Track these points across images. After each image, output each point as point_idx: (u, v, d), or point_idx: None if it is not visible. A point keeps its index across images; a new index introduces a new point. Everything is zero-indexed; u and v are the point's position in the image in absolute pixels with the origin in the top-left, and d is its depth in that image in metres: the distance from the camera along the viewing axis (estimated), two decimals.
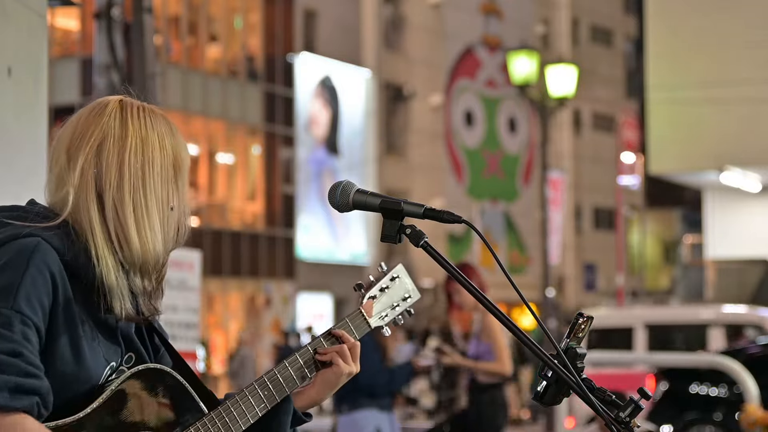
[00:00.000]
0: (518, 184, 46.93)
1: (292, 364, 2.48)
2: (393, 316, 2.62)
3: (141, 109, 2.37)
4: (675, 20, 18.67)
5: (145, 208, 2.29)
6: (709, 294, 23.98)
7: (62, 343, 2.21)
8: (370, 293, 2.60)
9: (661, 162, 19.12)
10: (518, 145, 47.09)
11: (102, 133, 2.32)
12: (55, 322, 2.20)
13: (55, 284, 2.20)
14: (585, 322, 2.37)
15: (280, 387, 2.45)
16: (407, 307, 2.64)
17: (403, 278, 2.64)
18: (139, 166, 2.30)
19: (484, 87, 45.60)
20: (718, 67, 17.99)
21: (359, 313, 2.58)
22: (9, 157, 4.14)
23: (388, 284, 2.62)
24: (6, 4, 4.15)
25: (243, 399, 2.40)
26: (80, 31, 30.50)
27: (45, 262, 2.19)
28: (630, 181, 31.14)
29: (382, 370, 7.70)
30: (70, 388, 2.22)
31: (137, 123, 2.34)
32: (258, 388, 2.42)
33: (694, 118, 18.31)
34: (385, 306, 2.61)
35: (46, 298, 2.18)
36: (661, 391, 12.74)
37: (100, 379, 2.27)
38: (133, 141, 2.31)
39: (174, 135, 2.37)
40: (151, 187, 2.30)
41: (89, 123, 2.34)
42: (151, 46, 9.44)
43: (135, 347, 2.37)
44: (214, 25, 34.77)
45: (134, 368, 2.29)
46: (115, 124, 2.32)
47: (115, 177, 2.29)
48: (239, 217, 34.77)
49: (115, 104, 2.36)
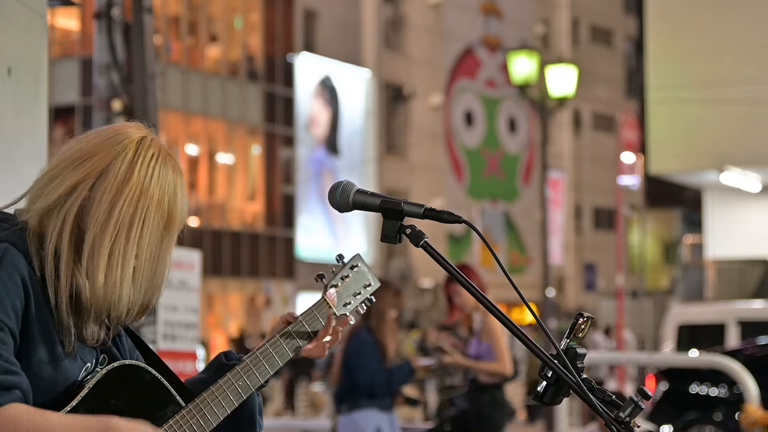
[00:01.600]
0: (518, 184, 46.93)
1: (264, 354, 2.50)
2: (356, 304, 2.66)
3: (155, 155, 2.32)
4: (675, 20, 18.66)
5: (122, 258, 2.27)
6: (709, 294, 23.97)
7: (38, 345, 2.22)
8: (333, 282, 2.64)
9: (661, 162, 19.11)
10: (518, 145, 47.09)
11: (107, 164, 2.29)
12: (30, 325, 2.21)
13: (26, 288, 2.20)
14: (585, 322, 2.37)
15: (254, 377, 2.48)
16: (368, 294, 2.68)
17: (362, 267, 2.68)
18: (129, 216, 2.27)
19: (484, 87, 45.60)
20: (718, 67, 17.98)
21: (323, 302, 2.60)
22: (9, 157, 4.14)
23: (348, 273, 2.66)
24: (6, 4, 4.15)
25: (218, 390, 2.43)
26: (80, 31, 30.50)
27: (15, 267, 2.20)
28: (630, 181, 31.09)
29: (381, 369, 7.70)
30: (49, 390, 2.24)
31: (143, 172, 2.30)
32: (232, 379, 2.45)
33: (694, 118, 18.29)
34: (347, 294, 2.66)
35: (18, 302, 2.19)
36: (661, 391, 12.74)
37: (77, 380, 2.30)
38: (133, 189, 2.28)
39: (176, 191, 2.33)
40: (135, 240, 2.28)
41: (100, 148, 2.31)
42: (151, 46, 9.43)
43: (107, 349, 2.39)
44: (214, 25, 34.77)
45: (109, 365, 2.31)
46: (122, 164, 2.29)
47: (102, 216, 2.26)
48: (239, 217, 34.77)
49: (132, 142, 2.32)
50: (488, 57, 45.56)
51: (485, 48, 45.48)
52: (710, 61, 18.24)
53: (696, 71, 18.16)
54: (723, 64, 18.04)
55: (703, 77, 18.01)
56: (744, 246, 20.29)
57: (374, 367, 7.68)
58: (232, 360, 2.51)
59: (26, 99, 4.28)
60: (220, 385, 2.44)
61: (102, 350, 2.38)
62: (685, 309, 17.38)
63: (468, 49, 44.87)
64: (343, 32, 39.00)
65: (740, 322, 14.93)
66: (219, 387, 2.44)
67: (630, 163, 30.30)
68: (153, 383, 2.35)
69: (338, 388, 7.96)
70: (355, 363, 7.74)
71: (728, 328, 14.95)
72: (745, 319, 15.07)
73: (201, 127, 33.48)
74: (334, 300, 2.62)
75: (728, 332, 14.90)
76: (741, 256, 21.51)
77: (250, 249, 34.31)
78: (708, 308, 17.27)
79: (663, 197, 48.17)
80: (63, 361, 2.26)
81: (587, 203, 50.75)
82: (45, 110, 4.39)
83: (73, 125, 29.84)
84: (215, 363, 2.52)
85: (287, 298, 35.52)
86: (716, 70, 17.93)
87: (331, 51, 38.10)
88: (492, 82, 45.62)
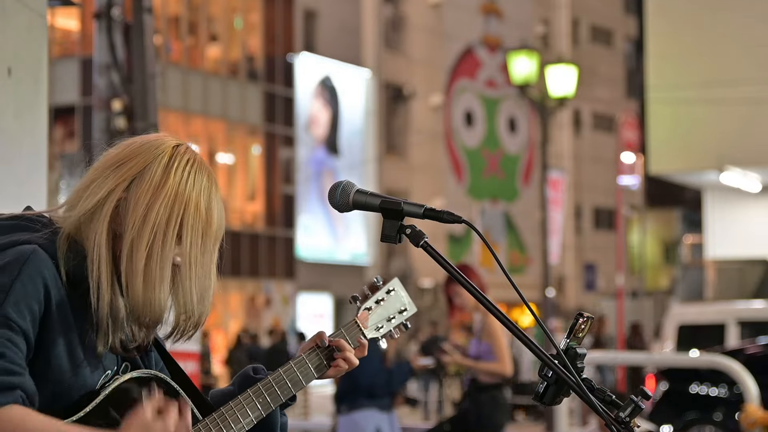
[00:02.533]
0: (518, 184, 46.93)
1: (288, 372, 2.48)
2: (389, 329, 2.63)
3: (190, 161, 2.32)
4: (675, 20, 18.66)
5: (160, 261, 2.26)
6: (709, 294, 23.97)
7: (58, 350, 2.21)
8: (366, 305, 2.61)
9: (661, 162, 19.11)
10: (518, 145, 47.09)
11: (143, 168, 2.29)
12: (50, 329, 2.20)
13: (47, 292, 2.19)
14: (585, 322, 2.37)
15: (276, 395, 2.45)
16: (403, 320, 2.65)
17: (399, 291, 2.65)
18: (166, 218, 2.26)
19: (484, 87, 45.60)
20: (718, 67, 17.98)
21: (355, 324, 2.58)
22: (9, 157, 4.14)
23: (383, 297, 2.63)
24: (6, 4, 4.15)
25: (238, 406, 2.40)
26: (80, 31, 30.49)
27: (38, 270, 2.19)
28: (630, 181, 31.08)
29: (381, 370, 7.70)
30: (67, 395, 2.23)
31: (179, 175, 2.29)
32: (253, 395, 2.42)
33: (694, 118, 18.29)
34: (380, 318, 2.62)
35: (37, 305, 2.18)
36: (661, 391, 12.74)
37: (95, 387, 2.28)
38: (169, 192, 2.28)
39: (211, 198, 2.32)
40: (171, 243, 2.26)
41: (137, 153, 2.31)
42: (151, 46, 9.44)
43: (131, 357, 2.37)
44: (214, 25, 34.77)
45: (128, 374, 2.30)
46: (158, 168, 2.29)
47: (139, 220, 2.26)
48: (239, 217, 34.77)
49: (168, 148, 2.32)
50: (488, 57, 45.56)
51: (485, 48, 45.48)
52: (710, 61, 18.23)
53: (696, 71, 18.16)
54: (723, 64, 18.04)
55: (703, 77, 18.00)
56: (744, 246, 20.29)
57: (374, 368, 7.68)
58: (259, 374, 2.49)
59: (26, 99, 4.28)
60: (240, 401, 2.41)
61: (125, 359, 2.36)
62: (685, 309, 17.37)
63: (468, 49, 44.87)
64: (343, 32, 39.00)
65: (740, 322, 14.92)
66: (239, 403, 2.41)
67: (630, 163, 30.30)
68: (170, 394, 2.32)
69: (338, 389, 7.96)
70: None
71: (728, 328, 14.94)
72: (745, 319, 15.07)
73: (201, 127, 33.48)
74: (366, 322, 2.60)
75: (728, 332, 14.90)
76: (741, 256, 21.51)
77: (250, 249, 34.32)
78: (708, 308, 17.27)
79: (663, 197, 48.17)
80: (83, 368, 2.25)
81: (587, 203, 50.74)
82: (45, 110, 4.39)
83: (73, 125, 29.85)
84: (241, 376, 2.50)
85: (287, 298, 35.52)
86: (716, 70, 17.92)
87: (331, 51, 38.10)
88: (492, 82, 45.62)
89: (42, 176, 4.31)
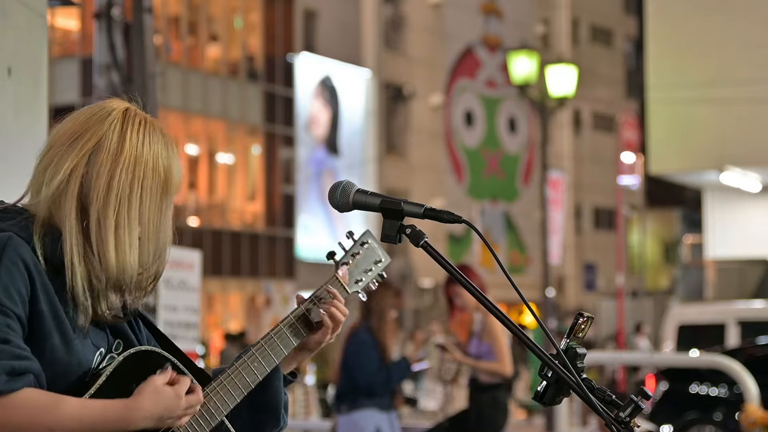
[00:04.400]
0: (518, 184, 46.93)
1: (278, 333, 2.51)
2: (367, 281, 2.67)
3: (142, 123, 2.36)
4: (675, 20, 18.67)
5: (128, 226, 2.29)
6: (709, 294, 23.98)
7: (49, 331, 2.23)
8: (344, 260, 2.64)
9: (661, 162, 19.12)
10: (518, 145, 47.10)
11: (98, 139, 2.32)
12: (39, 311, 2.22)
13: (30, 275, 2.22)
14: (585, 322, 2.37)
15: (269, 358, 2.48)
16: (380, 271, 2.68)
17: (372, 243, 2.69)
18: (128, 183, 2.30)
19: (484, 87, 45.60)
20: (718, 67, 17.99)
21: (336, 280, 2.61)
22: (9, 157, 4.14)
23: (359, 250, 2.66)
24: (6, 4, 4.15)
25: (235, 373, 2.44)
26: (80, 31, 30.49)
27: (18, 254, 2.21)
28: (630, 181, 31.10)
29: (380, 368, 7.70)
30: (64, 376, 2.25)
31: (135, 139, 2.33)
32: (248, 361, 2.46)
33: (694, 118, 18.30)
34: (358, 271, 2.66)
35: (24, 289, 2.20)
36: (661, 391, 12.74)
37: (92, 365, 2.30)
38: (128, 158, 2.31)
39: (169, 155, 2.37)
40: (136, 207, 2.30)
41: (88, 125, 2.34)
42: (151, 46, 9.44)
43: (123, 333, 2.40)
44: (214, 25, 34.77)
45: (126, 352, 2.32)
46: (113, 135, 2.32)
47: (103, 190, 2.29)
48: (239, 217, 34.77)
49: (118, 113, 2.35)
50: (488, 57, 45.56)
51: (485, 48, 45.48)
52: (710, 61, 18.24)
53: (696, 71, 18.17)
54: (723, 64, 18.05)
55: (703, 77, 18.01)
56: (744, 246, 20.30)
57: (373, 367, 7.68)
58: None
59: (26, 99, 4.28)
60: (236, 368, 2.45)
61: (116, 335, 2.39)
62: (685, 309, 17.39)
63: (468, 49, 44.87)
64: (343, 32, 39.00)
65: (740, 322, 14.93)
66: (235, 370, 2.45)
67: (630, 163, 30.31)
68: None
69: (338, 388, 7.96)
70: (354, 363, 7.74)
71: (728, 328, 14.95)
72: (745, 319, 15.08)
73: (201, 127, 33.48)
74: (346, 277, 2.62)
75: (728, 332, 14.91)
76: (741, 256, 21.52)
77: (250, 249, 34.31)
78: (708, 308, 17.28)
79: (663, 197, 48.16)
80: (75, 344, 2.27)
81: (587, 203, 50.75)
82: (45, 110, 4.39)
83: None
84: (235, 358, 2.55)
85: (287, 298, 35.51)
86: (716, 70, 17.93)
87: (331, 51, 38.10)
88: (492, 82, 45.61)
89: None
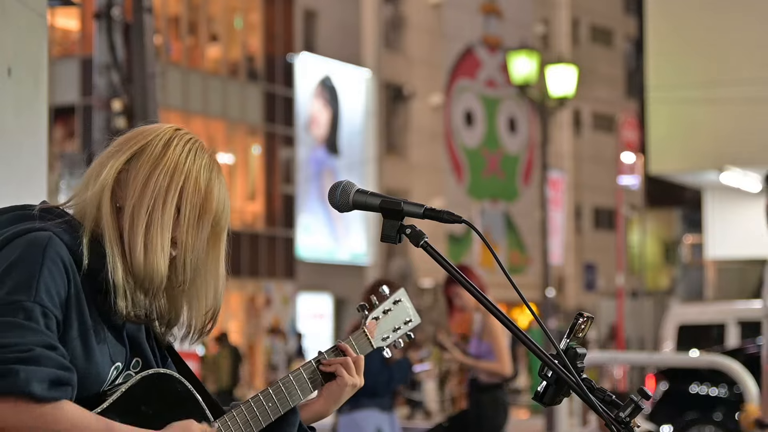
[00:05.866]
0: (518, 184, 46.93)
1: (297, 377, 2.50)
2: (394, 339, 2.68)
3: (191, 141, 2.36)
4: (675, 20, 18.66)
5: (160, 228, 2.28)
6: (709, 294, 23.98)
7: (73, 336, 2.22)
8: (373, 314, 2.65)
9: (661, 162, 19.11)
10: (518, 145, 47.10)
11: (144, 145, 2.32)
12: (68, 314, 2.21)
13: (68, 277, 2.21)
14: (585, 322, 2.37)
15: (285, 400, 2.47)
16: (408, 330, 2.69)
17: (405, 302, 2.70)
18: (165, 186, 2.29)
19: (484, 87, 45.60)
20: (718, 67, 17.98)
21: (362, 333, 2.62)
22: (9, 157, 4.14)
23: (390, 307, 2.68)
24: (6, 4, 4.15)
25: (248, 409, 2.42)
26: (80, 31, 30.49)
27: (59, 255, 2.20)
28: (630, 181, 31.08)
29: (382, 368, 7.69)
30: (80, 385, 2.22)
31: (179, 150, 2.32)
32: (263, 399, 2.44)
33: (694, 118, 18.29)
34: (387, 327, 2.67)
35: (63, 290, 2.20)
36: (661, 391, 12.74)
37: (107, 378, 2.29)
38: (168, 163, 2.30)
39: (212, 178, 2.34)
40: (171, 212, 2.29)
41: (137, 134, 2.35)
42: (151, 46, 9.45)
43: (142, 352, 2.38)
44: (214, 25, 34.77)
45: (144, 372, 2.31)
46: (159, 143, 2.32)
47: (139, 189, 2.29)
48: (239, 217, 34.77)
49: (169, 129, 2.36)
50: (488, 57, 45.56)
51: (485, 48, 45.48)
52: (710, 61, 18.23)
53: (696, 71, 18.16)
54: (723, 64, 18.04)
55: (703, 77, 18.00)
56: (744, 246, 20.28)
57: (375, 368, 7.67)
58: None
59: (26, 99, 4.27)
60: (249, 404, 2.42)
61: (135, 353, 2.37)
62: (685, 309, 17.39)
63: (468, 49, 44.87)
64: (343, 32, 39.00)
65: (740, 322, 14.94)
66: (249, 406, 2.42)
67: (630, 163, 30.30)
68: (185, 395, 2.34)
69: None
70: None
71: (728, 328, 14.95)
72: (745, 319, 15.07)
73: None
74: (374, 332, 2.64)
75: (728, 332, 14.91)
76: (741, 256, 21.51)
77: (250, 249, 34.31)
78: (708, 308, 17.29)
79: (663, 197, 48.12)
80: (95, 354, 2.25)
81: (587, 203, 50.74)
82: (45, 110, 4.38)
83: (73, 125, 29.85)
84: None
85: (287, 298, 35.51)
86: (716, 70, 17.92)
87: (331, 51, 38.10)
88: (492, 82, 45.61)
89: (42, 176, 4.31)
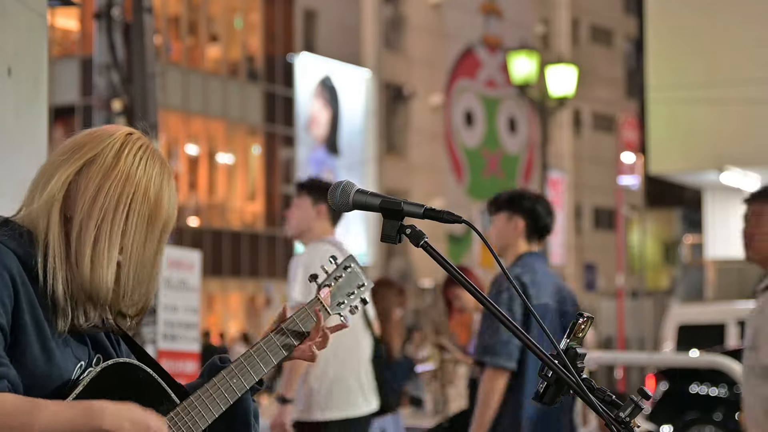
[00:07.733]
0: (518, 184, 46.91)
1: (259, 352, 2.52)
2: (349, 304, 2.69)
3: (142, 147, 2.36)
4: (675, 20, 18.67)
5: (107, 242, 2.28)
6: (709, 294, 23.97)
7: (31, 342, 2.24)
8: (326, 282, 2.67)
9: (661, 162, 19.12)
10: (518, 145, 47.10)
11: (94, 154, 2.32)
12: (22, 322, 2.23)
13: (15, 285, 2.22)
14: (585, 322, 2.37)
15: (249, 376, 2.49)
16: (362, 295, 2.71)
17: (355, 267, 2.71)
18: (115, 198, 2.29)
19: (484, 87, 45.59)
20: (718, 67, 17.99)
21: (317, 301, 2.62)
22: (9, 157, 4.14)
23: (341, 274, 2.69)
24: (6, 4, 4.15)
25: (213, 388, 2.44)
26: (80, 31, 30.49)
27: (3, 264, 2.22)
28: (630, 181, 31.09)
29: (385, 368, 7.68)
30: (43, 387, 2.25)
31: (131, 159, 2.32)
32: (227, 377, 2.46)
33: (694, 118, 18.30)
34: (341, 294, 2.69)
35: (8, 299, 2.20)
36: (661, 391, 12.74)
37: (72, 377, 2.30)
38: (119, 174, 2.30)
39: (163, 185, 2.35)
40: (120, 224, 2.29)
41: (87, 141, 2.35)
42: (151, 46, 9.44)
43: (103, 348, 2.40)
44: (214, 25, 34.77)
45: (104, 363, 2.32)
46: (110, 152, 2.32)
47: (88, 201, 2.29)
48: (239, 217, 34.77)
49: (121, 135, 2.36)
50: (488, 57, 45.56)
51: (485, 48, 45.47)
52: (710, 61, 18.24)
53: (696, 71, 18.17)
54: (723, 64, 18.05)
55: (703, 77, 18.01)
56: None
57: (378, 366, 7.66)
58: (226, 363, 2.53)
59: (26, 99, 4.27)
60: (214, 383, 2.45)
61: (97, 349, 2.39)
62: (685, 309, 17.38)
63: (468, 49, 44.87)
64: (343, 32, 39.00)
65: (740, 322, 14.94)
66: (213, 384, 2.45)
67: (630, 163, 30.29)
68: (147, 381, 2.37)
69: None
70: None
71: (728, 328, 14.96)
72: (745, 319, 15.06)
73: (201, 127, 33.48)
74: (328, 299, 2.64)
75: (728, 332, 14.91)
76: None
77: (250, 249, 34.31)
78: (708, 308, 17.29)
79: (663, 197, 48.15)
80: (55, 355, 2.27)
81: (587, 203, 50.74)
82: (45, 110, 4.38)
83: (73, 125, 29.83)
84: (209, 366, 2.54)
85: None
86: (716, 70, 17.93)
87: (331, 51, 38.10)
88: (492, 82, 45.61)
89: None
